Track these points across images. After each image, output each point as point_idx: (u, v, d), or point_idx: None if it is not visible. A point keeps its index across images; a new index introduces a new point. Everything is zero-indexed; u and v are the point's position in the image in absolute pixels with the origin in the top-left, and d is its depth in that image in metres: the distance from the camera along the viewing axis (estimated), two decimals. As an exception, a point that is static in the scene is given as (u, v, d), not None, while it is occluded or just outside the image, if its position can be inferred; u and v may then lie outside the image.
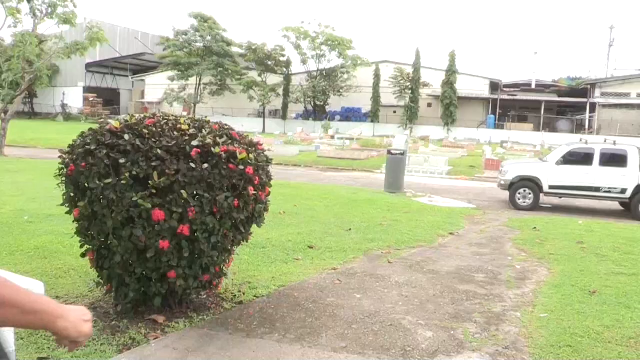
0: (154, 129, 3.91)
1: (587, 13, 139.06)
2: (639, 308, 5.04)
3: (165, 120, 4.13)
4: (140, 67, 60.70)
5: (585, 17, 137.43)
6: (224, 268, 4.49)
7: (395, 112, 52.47)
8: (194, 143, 3.88)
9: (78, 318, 1.53)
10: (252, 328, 4.08)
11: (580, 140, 15.68)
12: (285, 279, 5.42)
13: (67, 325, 1.50)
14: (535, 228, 9.55)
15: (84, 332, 1.51)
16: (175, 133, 3.96)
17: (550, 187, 13.98)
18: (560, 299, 5.25)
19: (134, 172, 3.65)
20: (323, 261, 6.26)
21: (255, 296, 4.84)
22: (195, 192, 3.83)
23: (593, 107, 47.91)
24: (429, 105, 52.46)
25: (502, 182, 14.32)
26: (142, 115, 4.18)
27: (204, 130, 4.13)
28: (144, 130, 3.85)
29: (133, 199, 3.61)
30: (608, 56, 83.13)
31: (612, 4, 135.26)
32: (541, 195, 14.04)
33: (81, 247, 4.14)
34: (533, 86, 53.37)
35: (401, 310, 4.71)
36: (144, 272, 3.97)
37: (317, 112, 54.25)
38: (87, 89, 56.49)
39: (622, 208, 14.84)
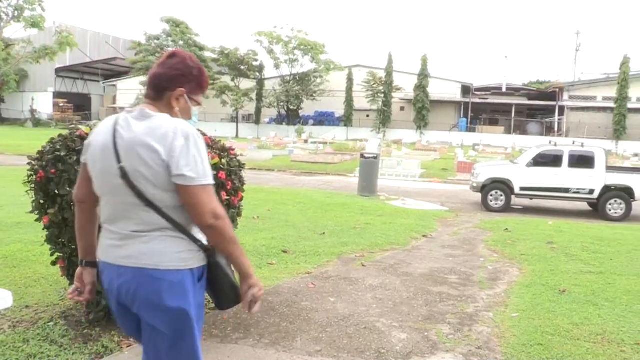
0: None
1: (555, 19, 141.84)
2: (606, 305, 5.17)
3: (137, 126, 4.10)
4: (111, 72, 59.97)
5: (553, 22, 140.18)
6: (197, 274, 4.46)
7: (368, 115, 52.77)
8: (167, 148, 3.86)
9: (259, 283, 2.34)
10: (226, 333, 4.07)
11: (550, 142, 15.98)
12: (259, 283, 5.40)
13: (256, 282, 2.32)
14: (506, 229, 9.69)
15: (258, 295, 2.33)
16: (147, 138, 3.93)
17: (521, 189, 14.21)
18: (531, 299, 5.34)
19: (105, 179, 3.61)
20: (297, 265, 6.27)
21: (229, 301, 4.82)
22: (167, 198, 3.81)
23: (562, 110, 48.87)
24: (402, 109, 52.90)
25: (474, 185, 14.52)
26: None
27: (176, 136, 4.10)
28: (115, 136, 3.82)
29: (104, 206, 3.57)
30: (575, 60, 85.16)
31: (578, 11, 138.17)
32: (512, 196, 14.27)
33: (51, 255, 4.08)
34: (504, 89, 54.25)
35: (375, 312, 4.74)
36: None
37: (291, 117, 54.28)
38: (57, 94, 55.62)
39: (590, 208, 15.16)
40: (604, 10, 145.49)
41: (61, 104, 53.60)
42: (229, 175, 4.20)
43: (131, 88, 53.98)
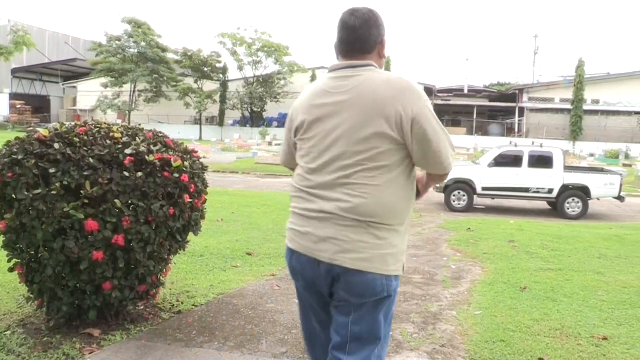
0: (86, 138, 3.81)
1: (514, 22, 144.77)
2: (564, 301, 5.31)
3: (98, 129, 4.03)
4: (71, 73, 58.61)
5: (512, 26, 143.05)
6: (161, 278, 4.42)
7: (332, 117, 52.81)
8: (128, 151, 3.81)
9: None
10: (191, 337, 4.04)
11: (510, 143, 16.31)
12: (224, 286, 5.38)
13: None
14: (469, 229, 9.85)
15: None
16: (108, 141, 3.87)
17: (483, 189, 14.46)
18: (493, 297, 5.44)
19: (65, 182, 3.54)
20: (262, 267, 6.25)
21: (193, 305, 4.78)
22: (129, 201, 3.76)
23: (522, 111, 49.91)
24: (366, 110, 53.08)
25: (438, 185, 14.70)
26: (74, 124, 4.07)
27: (137, 139, 4.06)
28: (75, 138, 3.74)
29: (64, 210, 3.50)
30: (534, 63, 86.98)
31: (536, 15, 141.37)
32: (475, 196, 14.50)
33: (9, 261, 3.97)
34: (466, 91, 55.08)
35: (340, 313, 4.76)
36: (78, 285, 3.85)
37: (255, 119, 54.05)
38: (14, 96, 54.10)
39: (549, 207, 15.52)
40: (561, 15, 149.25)
41: (18, 106, 52.13)
42: (192, 177, 4.17)
43: (92, 90, 52.93)
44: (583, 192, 14.29)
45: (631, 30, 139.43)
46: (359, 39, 2.27)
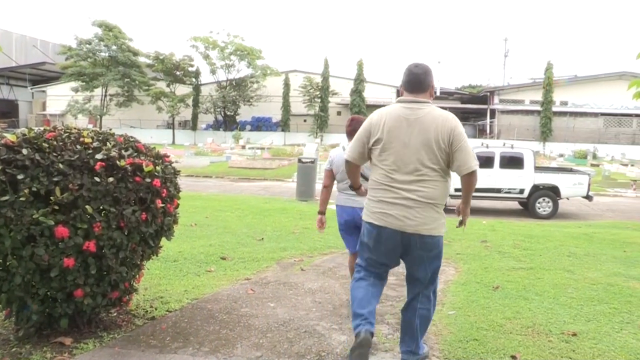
0: (55, 143, 3.75)
1: (484, 25, 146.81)
2: (536, 299, 5.40)
3: (67, 134, 3.98)
4: (40, 77, 57.56)
5: (482, 29, 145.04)
6: (134, 284, 4.37)
7: (305, 120, 52.99)
8: (98, 156, 3.77)
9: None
10: (165, 343, 4.00)
11: (482, 144, 16.52)
12: (198, 291, 5.35)
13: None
14: (441, 230, 9.92)
15: None
16: (78, 146, 3.82)
17: (456, 190, 14.45)
18: (466, 296, 5.50)
19: (34, 188, 3.48)
20: (236, 272, 6.23)
21: (167, 311, 4.74)
22: (100, 207, 3.72)
23: (493, 113, 50.61)
24: (339, 113, 53.39)
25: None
26: (42, 129, 4.00)
27: (108, 143, 4.01)
28: (43, 144, 3.69)
29: (34, 217, 3.44)
30: (504, 65, 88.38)
31: (505, 18, 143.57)
32: (448, 198, 14.62)
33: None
34: (438, 93, 55.51)
35: (315, 316, 4.77)
36: (48, 293, 3.79)
37: (228, 122, 53.84)
38: (-20, 101, 52.95)
39: (521, 207, 15.76)
40: (529, 18, 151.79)
41: (-16, 111, 51.10)
42: (164, 182, 4.14)
43: (62, 94, 52.12)
44: (553, 192, 14.56)
45: (596, 34, 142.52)
46: (421, 82, 3.54)
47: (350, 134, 4.56)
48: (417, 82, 3.54)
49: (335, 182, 5.18)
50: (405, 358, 3.68)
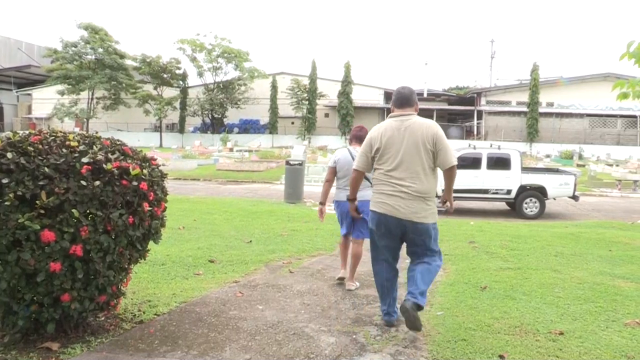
0: (40, 146, 3.73)
1: (471, 27, 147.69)
2: (523, 299, 5.44)
3: (53, 137, 3.95)
4: (26, 80, 56.97)
5: (469, 30, 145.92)
6: (121, 287, 4.35)
7: (293, 123, 53.00)
8: (85, 160, 3.75)
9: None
10: (153, 347, 3.99)
11: (469, 145, 16.60)
12: (186, 294, 5.33)
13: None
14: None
15: None
16: (64, 150, 3.80)
17: (444, 191, 14.64)
18: (454, 297, 5.53)
19: (19, 192, 3.46)
20: (224, 274, 6.21)
21: (156, 314, 4.72)
22: (87, 211, 3.70)
23: (480, 114, 50.94)
24: (326, 115, 53.48)
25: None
26: (27, 132, 3.97)
27: (94, 147, 3.99)
28: (29, 147, 3.66)
29: (19, 221, 3.42)
30: (491, 67, 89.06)
31: (492, 20, 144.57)
32: (436, 199, 14.67)
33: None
34: (425, 95, 55.79)
35: (304, 318, 4.77)
36: (35, 298, 3.76)
37: (215, 125, 53.73)
38: (-36, 104, 52.32)
39: (508, 208, 15.86)
40: (516, 20, 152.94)
41: (-32, 115, 50.51)
42: (151, 185, 4.13)
43: (48, 97, 51.72)
44: (540, 192, 14.67)
45: (582, 36, 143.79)
46: (408, 99, 4.52)
47: (357, 138, 5.78)
48: (404, 99, 4.50)
49: (336, 178, 5.95)
50: (408, 298, 4.28)
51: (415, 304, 4.20)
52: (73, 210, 3.57)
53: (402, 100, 4.50)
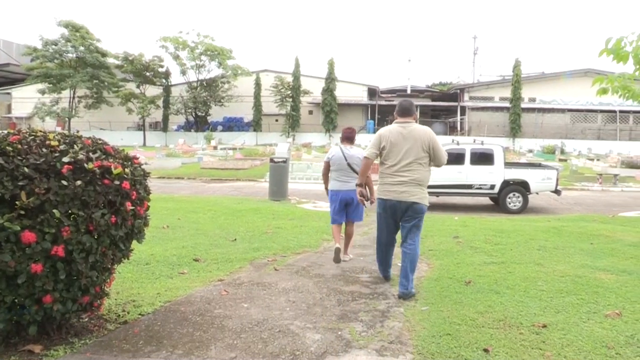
0: (20, 146, 3.68)
1: (453, 23, 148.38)
2: (507, 293, 5.49)
3: (33, 137, 3.91)
4: (4, 79, 56.16)
5: (452, 27, 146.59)
6: (105, 288, 4.32)
7: (277, 120, 52.92)
8: (65, 159, 3.71)
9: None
10: (138, 347, 3.96)
11: (453, 141, 16.68)
12: (171, 294, 5.30)
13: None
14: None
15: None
16: (44, 150, 3.75)
17: (428, 187, 14.70)
18: (439, 291, 5.57)
19: (-2, 193, 3.41)
20: (209, 273, 6.19)
21: (140, 314, 4.69)
22: (69, 211, 3.66)
23: (463, 110, 51.24)
24: (310, 112, 53.45)
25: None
26: (6, 132, 3.92)
27: (75, 146, 3.95)
28: (7, 147, 3.61)
29: (-1, 222, 3.37)
30: (473, 63, 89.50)
31: (474, 16, 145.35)
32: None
33: None
34: (409, 91, 56.04)
35: (289, 315, 4.77)
36: (16, 300, 3.72)
37: (199, 123, 53.46)
38: (-60, 104, 51.44)
39: (492, 202, 15.97)
40: (498, 16, 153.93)
41: (-55, 115, 49.69)
42: (133, 184, 4.10)
43: (28, 96, 51.02)
44: (523, 187, 14.79)
45: (563, 32, 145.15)
46: (408, 110, 5.68)
47: (348, 138, 7.10)
48: (406, 110, 5.68)
49: (331, 171, 7.07)
50: (400, 286, 5.45)
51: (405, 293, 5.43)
52: (54, 211, 3.53)
53: (404, 110, 5.67)
